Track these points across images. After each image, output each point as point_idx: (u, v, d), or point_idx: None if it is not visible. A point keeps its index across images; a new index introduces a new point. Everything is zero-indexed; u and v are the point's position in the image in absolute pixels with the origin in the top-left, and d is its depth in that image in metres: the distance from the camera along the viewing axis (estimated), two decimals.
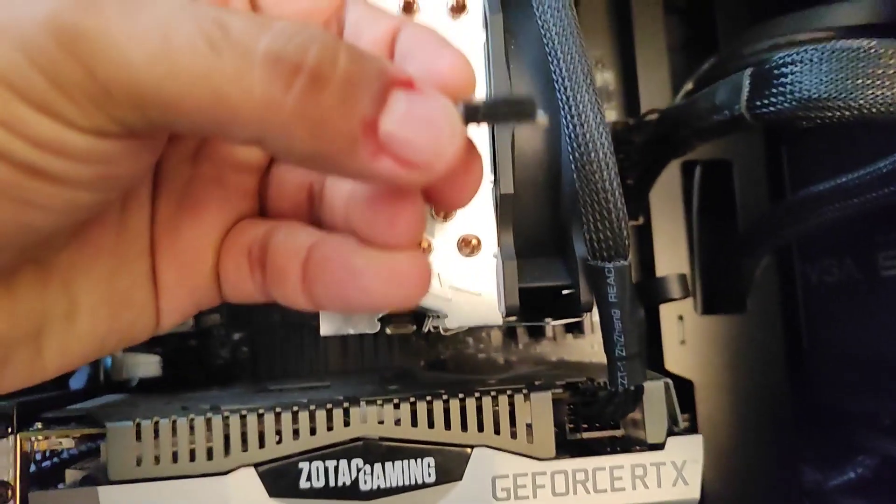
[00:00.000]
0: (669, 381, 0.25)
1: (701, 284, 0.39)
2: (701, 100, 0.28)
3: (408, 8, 0.22)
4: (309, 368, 0.38)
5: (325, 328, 0.22)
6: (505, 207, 0.22)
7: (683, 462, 0.24)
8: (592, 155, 0.21)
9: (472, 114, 0.15)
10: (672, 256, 0.39)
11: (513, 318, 0.23)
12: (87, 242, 0.17)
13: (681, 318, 0.39)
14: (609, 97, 0.41)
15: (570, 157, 0.21)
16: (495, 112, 0.15)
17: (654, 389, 0.24)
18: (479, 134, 0.22)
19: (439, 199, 0.18)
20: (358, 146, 0.14)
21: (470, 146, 0.16)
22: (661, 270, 0.39)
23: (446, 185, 0.17)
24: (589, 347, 0.40)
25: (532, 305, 0.24)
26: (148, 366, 0.34)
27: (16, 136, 0.13)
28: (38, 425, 0.23)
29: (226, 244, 0.20)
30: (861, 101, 0.23)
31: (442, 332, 0.23)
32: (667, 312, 0.39)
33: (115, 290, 0.18)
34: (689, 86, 0.40)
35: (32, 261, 0.17)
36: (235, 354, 0.38)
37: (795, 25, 0.36)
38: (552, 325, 0.38)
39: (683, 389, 0.39)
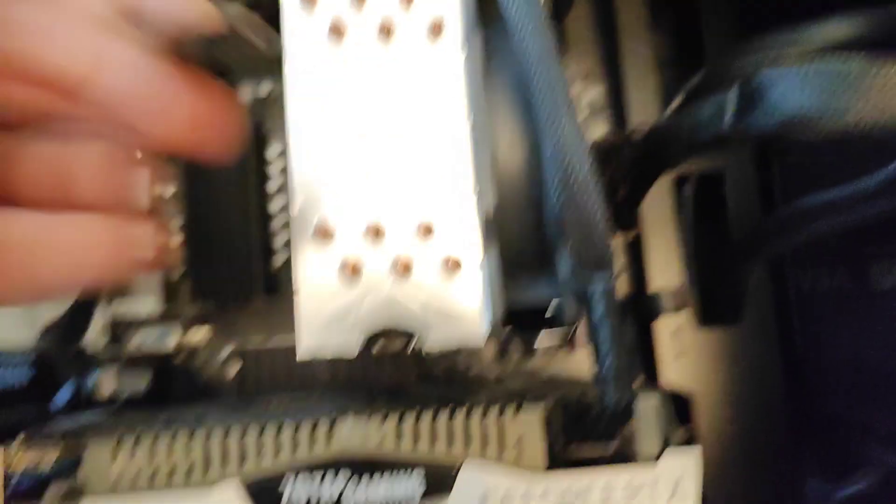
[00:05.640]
0: (663, 393, 0.25)
1: (695, 297, 0.39)
2: (686, 117, 0.28)
3: (384, 30, 0.23)
4: (298, 384, 0.38)
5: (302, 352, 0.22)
6: (488, 225, 0.22)
7: (680, 475, 0.24)
8: (573, 177, 0.21)
9: None
10: (665, 270, 0.39)
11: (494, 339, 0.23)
12: None
13: (676, 332, 0.39)
14: (598, 111, 0.41)
15: (553, 179, 0.21)
16: None
17: (647, 402, 0.24)
18: (461, 151, 0.23)
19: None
20: None
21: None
22: (654, 284, 0.39)
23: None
24: (581, 363, 0.40)
25: (517, 327, 0.24)
26: (134, 383, 0.34)
27: None
28: (21, 438, 0.24)
29: None
30: (846, 118, 0.22)
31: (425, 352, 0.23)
32: (662, 327, 0.39)
33: None
34: (678, 100, 0.41)
35: None
36: (223, 372, 0.38)
37: (784, 42, 0.36)
38: (542, 348, 0.38)
39: (681, 404, 0.39)
